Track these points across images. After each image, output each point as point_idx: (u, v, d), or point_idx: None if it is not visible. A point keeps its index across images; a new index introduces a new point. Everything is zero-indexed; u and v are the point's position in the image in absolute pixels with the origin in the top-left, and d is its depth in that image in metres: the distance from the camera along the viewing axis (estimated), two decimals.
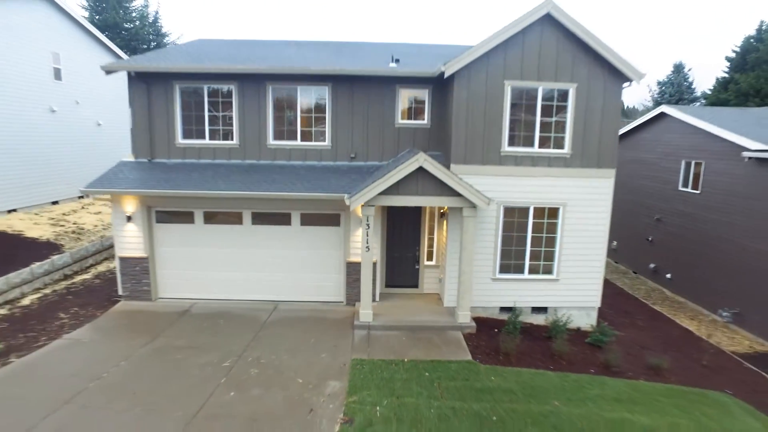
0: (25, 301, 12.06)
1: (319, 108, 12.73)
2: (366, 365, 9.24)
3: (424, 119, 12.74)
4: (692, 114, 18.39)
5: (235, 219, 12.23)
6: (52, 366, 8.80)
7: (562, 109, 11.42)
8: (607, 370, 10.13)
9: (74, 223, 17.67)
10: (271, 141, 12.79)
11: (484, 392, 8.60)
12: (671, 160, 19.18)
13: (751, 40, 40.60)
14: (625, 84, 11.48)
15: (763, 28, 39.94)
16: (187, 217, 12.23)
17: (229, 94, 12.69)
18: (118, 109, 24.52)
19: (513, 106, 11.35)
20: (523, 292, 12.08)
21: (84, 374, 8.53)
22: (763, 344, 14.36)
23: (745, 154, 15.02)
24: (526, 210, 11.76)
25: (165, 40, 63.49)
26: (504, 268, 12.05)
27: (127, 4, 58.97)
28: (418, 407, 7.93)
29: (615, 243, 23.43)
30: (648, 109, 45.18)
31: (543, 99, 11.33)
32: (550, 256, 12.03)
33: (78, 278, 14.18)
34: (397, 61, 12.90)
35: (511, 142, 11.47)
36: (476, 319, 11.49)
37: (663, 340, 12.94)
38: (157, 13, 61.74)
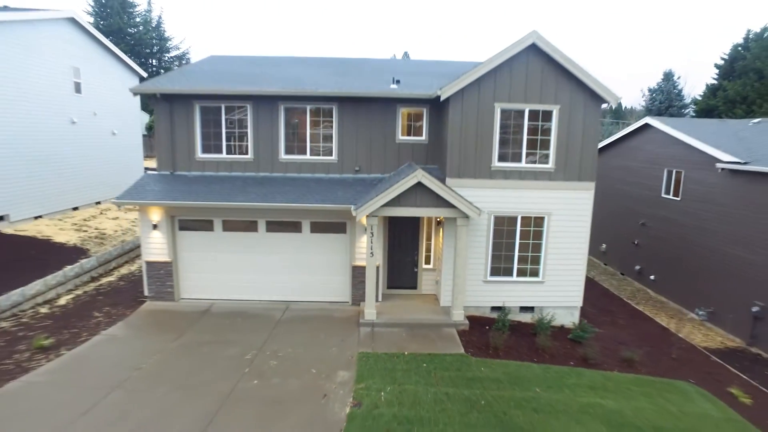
0: (62, 301, 13.29)
1: (327, 125, 13.99)
2: (371, 357, 10.50)
3: (422, 136, 14.00)
4: (673, 126, 19.65)
5: (251, 227, 13.48)
6: (97, 358, 10.05)
7: (546, 128, 12.69)
8: (585, 363, 11.40)
9: (96, 229, 18.91)
10: (283, 155, 14.04)
11: (474, 381, 9.87)
12: (655, 168, 20.43)
13: (739, 48, 41.92)
14: (604, 105, 12.76)
15: (750, 36, 41.24)
16: (207, 225, 13.48)
17: (244, 112, 13.93)
18: (130, 118, 25.77)
19: (502, 125, 12.62)
20: (512, 293, 13.36)
21: (126, 365, 9.78)
22: (733, 340, 15.65)
23: (719, 165, 16.30)
24: (514, 219, 13.03)
25: (168, 45, 64.69)
26: (494, 271, 13.32)
27: (131, 10, 60.13)
28: (416, 393, 9.19)
29: (604, 246, 24.74)
30: (641, 113, 46.57)
31: (529, 119, 12.59)
32: (536, 261, 13.30)
33: (104, 280, 15.42)
34: (398, 82, 14.16)
35: (501, 158, 12.74)
36: (469, 318, 12.75)
37: (639, 336, 14.21)
38: (160, 17, 62.79)
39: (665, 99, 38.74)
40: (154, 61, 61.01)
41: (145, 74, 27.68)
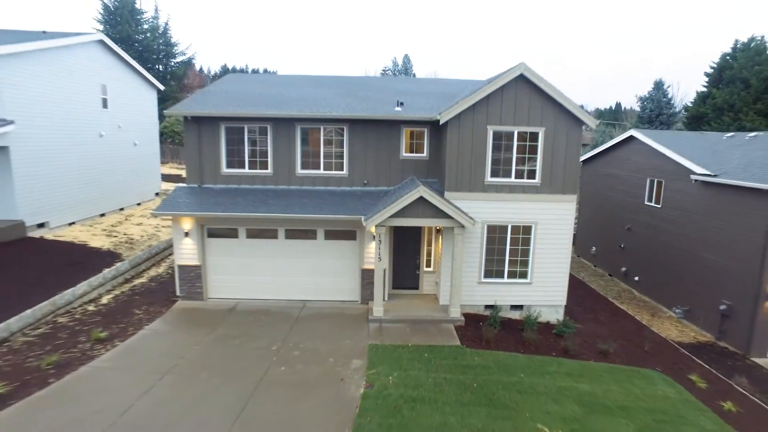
0: (104, 300, 15.00)
1: (338, 143, 15.69)
2: (380, 348, 12.20)
3: (423, 152, 15.70)
4: (654, 138, 21.33)
5: (272, 234, 15.17)
6: (146, 348, 11.76)
7: (533, 147, 14.37)
8: (565, 354, 13.08)
9: (124, 234, 20.62)
10: (299, 170, 15.75)
11: (468, 368, 11.56)
12: (639, 177, 22.09)
13: (727, 58, 43.51)
14: (584, 126, 14.43)
15: (738, 46, 42.84)
16: (232, 233, 15.19)
17: (265, 132, 15.63)
18: (148, 128, 27.52)
19: (494, 145, 14.31)
20: (503, 293, 15.05)
21: (171, 355, 11.48)
22: (705, 335, 17.34)
23: (693, 176, 17.98)
24: (505, 227, 14.72)
25: (174, 50, 66.23)
26: (488, 274, 15.01)
27: (139, 17, 61.74)
28: (419, 377, 10.89)
29: (594, 249, 26.44)
30: (635, 119, 48.13)
31: (518, 139, 14.28)
32: (525, 264, 15.00)
33: (137, 281, 17.11)
34: (401, 104, 15.86)
35: (493, 174, 14.43)
36: (465, 315, 14.44)
37: (618, 332, 15.88)
38: (166, 24, 64.40)
39: (655, 107, 40.40)
40: (160, 66, 62.47)
41: (161, 87, 29.44)
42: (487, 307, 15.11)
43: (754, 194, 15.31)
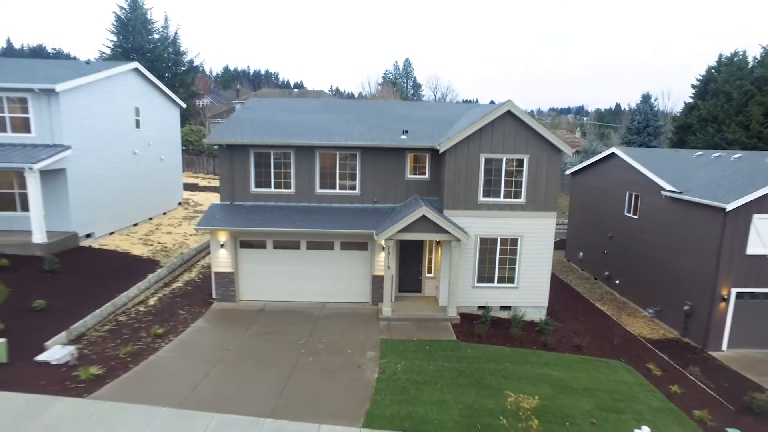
0: (151, 302, 17.50)
1: (352, 166, 18.19)
2: (389, 342, 14.71)
3: (425, 174, 18.21)
4: (633, 156, 23.77)
5: (295, 245, 17.67)
6: (196, 342, 14.27)
7: (519, 172, 16.86)
8: (544, 347, 15.57)
9: (158, 243, 23.13)
10: (318, 189, 18.26)
11: (462, 358, 14.06)
12: (620, 190, 24.52)
13: (713, 71, 45.96)
14: (563, 154, 16.90)
15: (722, 60, 45.27)
16: (261, 244, 17.69)
17: (288, 156, 18.12)
18: (172, 143, 30.03)
19: (486, 169, 16.79)
20: (493, 296, 17.55)
21: (218, 347, 13.99)
22: (672, 332, 19.78)
23: (663, 192, 20.44)
24: (495, 240, 17.22)
25: (184, 59, 68.55)
26: (480, 279, 17.51)
27: (150, 26, 64.15)
28: (422, 365, 13.39)
29: (581, 254, 28.91)
30: (629, 129, 50.44)
31: (506, 165, 16.77)
32: (512, 271, 17.49)
33: (175, 285, 19.61)
34: (406, 132, 18.34)
35: (485, 194, 16.92)
36: (461, 314, 16.94)
37: (593, 329, 18.36)
38: (176, 33, 66.75)
39: (643, 119, 42.87)
40: (168, 74, 64.42)
41: (183, 105, 31.93)
42: (479, 307, 17.60)
43: (711, 210, 17.76)
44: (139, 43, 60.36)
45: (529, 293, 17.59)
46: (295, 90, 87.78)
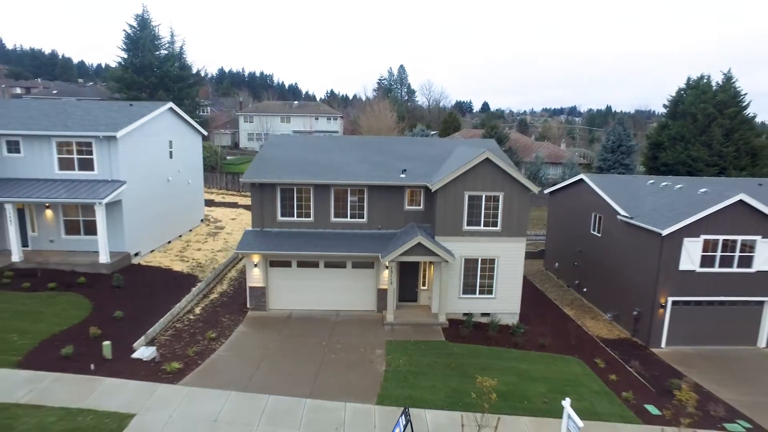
0: (197, 311, 21.47)
1: (361, 199, 22.25)
2: (393, 342, 18.80)
3: (420, 206, 22.32)
4: (596, 183, 27.93)
5: (315, 264, 21.72)
6: (242, 344, 18.29)
7: (496, 205, 20.98)
8: (515, 346, 19.70)
9: (193, 259, 27.11)
10: (333, 218, 22.32)
11: (450, 354, 18.17)
12: (587, 211, 28.68)
13: (682, 93, 50.35)
14: (530, 191, 21.04)
15: (690, 83, 49.66)
16: (287, 263, 21.72)
17: (308, 191, 22.14)
18: (196, 168, 33.94)
19: (469, 203, 20.90)
20: (476, 305, 21.69)
21: (260, 347, 18.01)
22: (625, 333, 23.90)
23: (619, 216, 24.61)
24: (476, 260, 21.35)
25: (188, 73, 71.88)
26: (465, 291, 21.65)
27: (157, 42, 67.73)
28: (419, 360, 17.49)
29: (557, 264, 33.11)
30: (606, 144, 54.73)
31: (485, 200, 20.90)
32: (490, 285, 21.63)
33: (212, 296, 23.58)
34: (405, 171, 22.41)
35: (468, 223, 21.05)
36: (449, 320, 21.05)
37: (558, 331, 22.49)
38: (182, 48, 70.22)
39: (617, 139, 47.26)
40: (175, 89, 67.62)
41: (205, 132, 35.85)
42: (464, 314, 21.71)
43: (652, 234, 21.92)
44: (149, 60, 63.85)
45: (504, 302, 21.76)
46: (296, 102, 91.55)
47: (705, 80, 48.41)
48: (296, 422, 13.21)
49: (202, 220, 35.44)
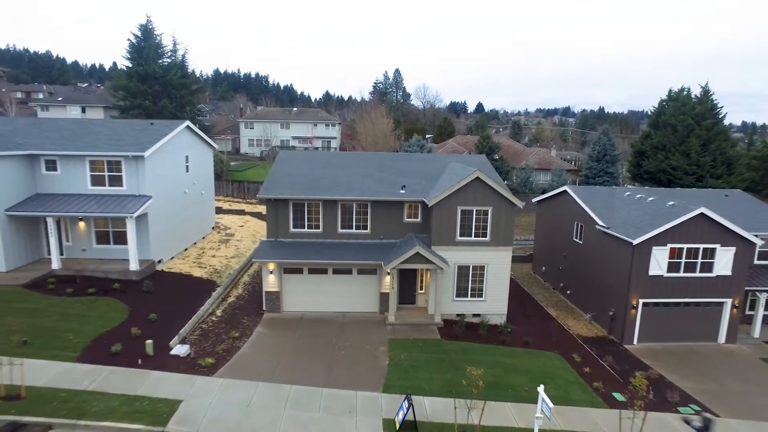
0: (218, 313, 23.95)
1: (365, 212, 24.81)
2: (394, 341, 21.39)
3: (418, 218, 24.93)
4: (578, 194, 30.61)
5: (324, 271, 24.27)
6: (263, 342, 20.81)
7: (485, 218, 23.61)
8: (502, 343, 22.33)
9: (210, 265, 29.59)
10: (340, 229, 24.89)
11: (444, 351, 20.78)
12: (571, 219, 31.35)
13: (664, 104, 53.21)
14: (516, 206, 23.67)
15: (672, 95, 52.51)
16: (299, 270, 24.26)
17: (318, 205, 24.68)
18: (207, 179, 36.37)
19: (461, 217, 23.52)
20: (468, 306, 24.33)
21: (279, 345, 20.55)
22: (602, 332, 26.58)
23: (597, 226, 27.30)
24: (468, 266, 23.99)
25: (189, 81, 73.91)
26: (458, 294, 24.28)
27: (160, 50, 69.87)
28: (417, 356, 20.09)
29: (544, 268, 35.79)
30: (591, 154, 57.56)
31: (476, 214, 23.52)
32: (481, 289, 24.28)
33: (229, 300, 26.06)
34: (404, 187, 25.00)
35: (461, 234, 23.67)
36: (444, 320, 23.67)
37: (541, 330, 25.14)
38: (184, 56, 72.28)
39: (602, 149, 50.12)
40: (177, 96, 69.41)
41: (216, 146, 38.28)
42: (457, 315, 24.33)
43: (625, 243, 24.61)
44: (153, 69, 66.02)
45: (493, 304, 24.41)
46: (295, 109, 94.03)
47: (685, 92, 51.31)
48: (316, 407, 15.78)
49: (213, 228, 37.89)
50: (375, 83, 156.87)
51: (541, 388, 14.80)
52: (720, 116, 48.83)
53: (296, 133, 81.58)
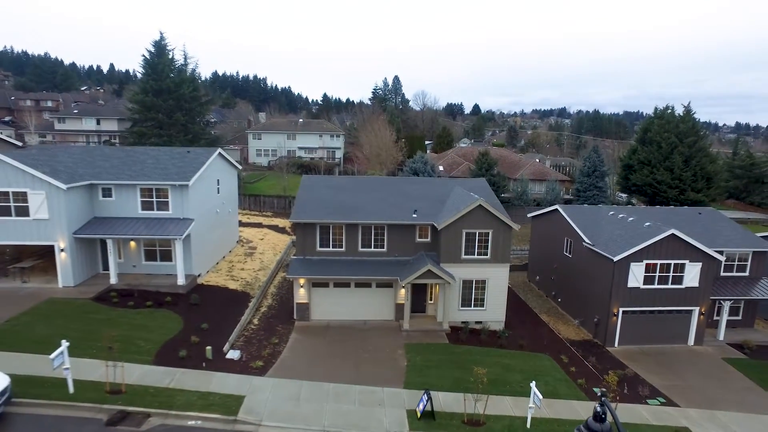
0: (255, 322, 27.65)
1: (381, 233, 28.59)
2: (409, 345, 25.17)
3: (428, 238, 28.73)
4: (567, 213, 34.40)
5: (347, 285, 28.03)
6: (299, 347, 24.54)
7: (487, 239, 27.42)
8: (501, 347, 26.12)
9: (242, 278, 33.29)
10: (360, 248, 28.66)
11: (452, 353, 24.58)
12: (561, 235, 35.17)
13: (652, 120, 57.10)
14: (512, 229, 27.49)
15: (657, 113, 56.47)
16: (326, 284, 28.02)
17: (341, 228, 28.43)
18: (233, 197, 40.06)
19: (466, 238, 27.32)
20: (471, 315, 28.14)
21: (313, 349, 24.29)
22: (588, 336, 30.42)
23: (584, 243, 31.15)
24: (472, 281, 27.80)
25: (199, 94, 77.25)
26: (463, 304, 28.10)
27: (173, 66, 73.35)
28: (430, 357, 23.87)
29: (538, 277, 39.63)
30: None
31: (478, 236, 27.33)
32: (482, 299, 28.10)
33: (262, 310, 29.75)
34: (416, 212, 28.79)
35: (465, 253, 27.48)
36: (451, 327, 27.46)
37: (534, 334, 28.96)
38: (194, 70, 75.61)
39: (592, 164, 54.12)
40: (188, 107, 72.49)
41: (240, 167, 41.97)
42: (462, 322, 28.14)
43: (607, 259, 28.45)
44: (166, 85, 69.60)
45: (493, 313, 28.23)
46: (300, 120, 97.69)
47: (669, 110, 55.31)
48: (352, 400, 19.55)
49: (237, 242, 41.58)
50: (374, 89, 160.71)
51: (533, 384, 18.62)
52: (701, 134, 52.79)
53: (302, 144, 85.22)
